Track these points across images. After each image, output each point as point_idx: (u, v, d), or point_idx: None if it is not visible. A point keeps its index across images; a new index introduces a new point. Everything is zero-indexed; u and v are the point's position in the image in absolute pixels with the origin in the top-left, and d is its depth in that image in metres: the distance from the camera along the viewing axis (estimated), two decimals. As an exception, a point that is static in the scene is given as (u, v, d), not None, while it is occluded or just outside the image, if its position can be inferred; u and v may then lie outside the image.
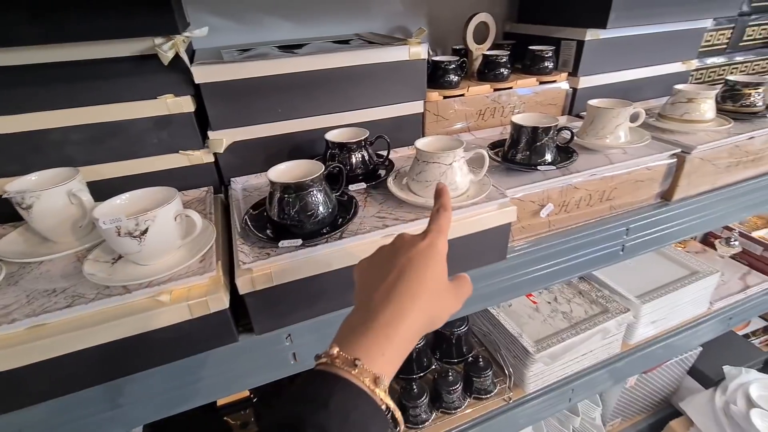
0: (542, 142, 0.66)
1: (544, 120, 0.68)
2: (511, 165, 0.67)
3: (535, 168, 0.66)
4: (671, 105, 0.83)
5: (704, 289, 1.14)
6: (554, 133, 0.67)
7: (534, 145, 0.66)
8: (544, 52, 0.89)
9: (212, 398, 0.54)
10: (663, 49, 0.97)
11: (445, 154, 0.56)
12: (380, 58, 0.71)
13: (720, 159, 0.78)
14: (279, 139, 0.70)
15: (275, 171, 0.51)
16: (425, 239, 0.35)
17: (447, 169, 0.56)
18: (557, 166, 0.67)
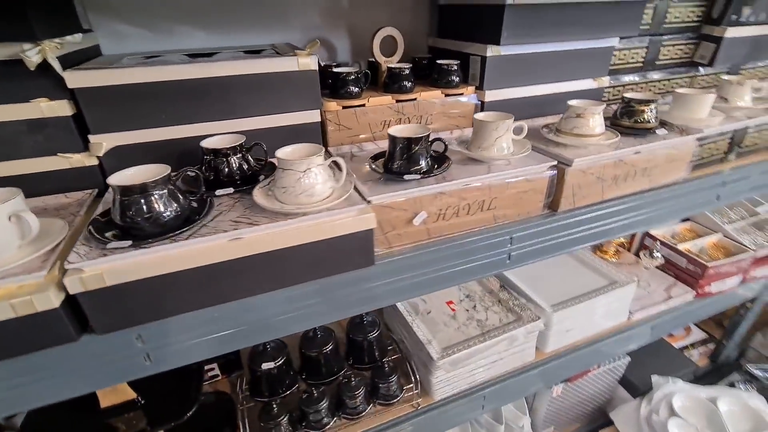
0: (414, 151, 0.68)
1: (418, 131, 0.70)
2: (388, 175, 0.70)
3: (403, 176, 0.68)
4: (564, 120, 0.86)
5: (621, 299, 1.17)
6: (426, 143, 0.69)
7: (407, 154, 0.68)
8: (449, 66, 0.92)
9: (56, 398, 0.54)
10: (572, 66, 1.01)
11: (299, 161, 0.57)
12: (269, 68, 0.73)
13: (605, 172, 0.81)
14: (164, 144, 0.71)
15: (119, 175, 0.53)
16: None
17: (302, 176, 0.58)
18: (430, 175, 0.69)
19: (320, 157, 0.59)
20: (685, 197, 0.95)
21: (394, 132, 0.68)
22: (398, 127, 0.70)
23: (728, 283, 1.34)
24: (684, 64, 1.20)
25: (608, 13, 0.92)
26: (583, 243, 0.86)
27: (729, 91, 1.03)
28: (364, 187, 0.66)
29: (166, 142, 0.71)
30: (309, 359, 0.97)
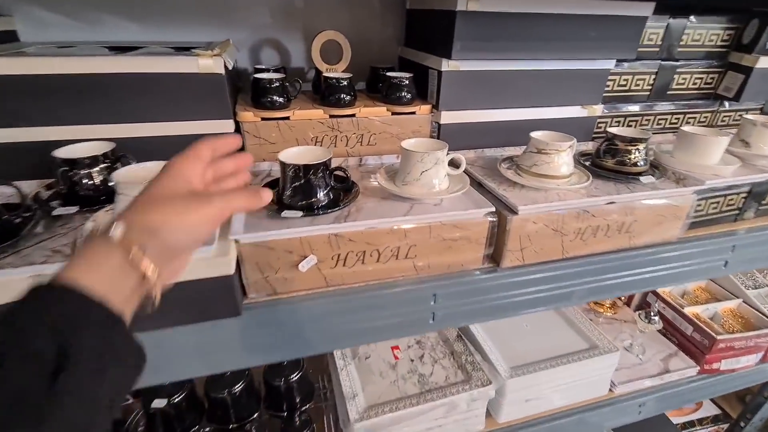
0: (306, 181, 0.56)
1: (317, 155, 0.57)
2: (280, 207, 0.57)
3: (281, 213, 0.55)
4: (525, 155, 0.71)
5: (600, 370, 0.98)
6: (324, 172, 0.56)
7: (297, 184, 0.56)
8: (399, 80, 0.79)
9: None
10: (555, 90, 0.85)
11: (132, 186, 0.46)
12: (162, 67, 0.63)
13: (566, 224, 0.65)
14: (34, 146, 0.62)
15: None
16: None
17: (138, 204, 0.47)
18: (324, 212, 0.56)
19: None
20: (680, 261, 0.77)
21: (285, 156, 0.55)
22: (294, 150, 0.58)
23: (743, 361, 1.11)
24: (704, 96, 1.01)
25: (596, 29, 0.76)
26: (534, 307, 0.70)
27: (751, 133, 0.83)
28: (236, 222, 0.54)
29: (36, 144, 0.63)
30: (215, 401, 0.85)
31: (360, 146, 0.80)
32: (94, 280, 0.26)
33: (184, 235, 0.30)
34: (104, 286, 0.26)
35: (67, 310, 0.24)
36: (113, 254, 0.27)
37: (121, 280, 0.27)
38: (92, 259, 0.27)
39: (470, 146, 0.85)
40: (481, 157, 0.84)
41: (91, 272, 0.26)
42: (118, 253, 0.27)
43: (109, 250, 0.27)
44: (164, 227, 0.29)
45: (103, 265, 0.27)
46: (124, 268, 0.27)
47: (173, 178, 0.32)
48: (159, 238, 0.28)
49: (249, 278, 0.56)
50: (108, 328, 0.26)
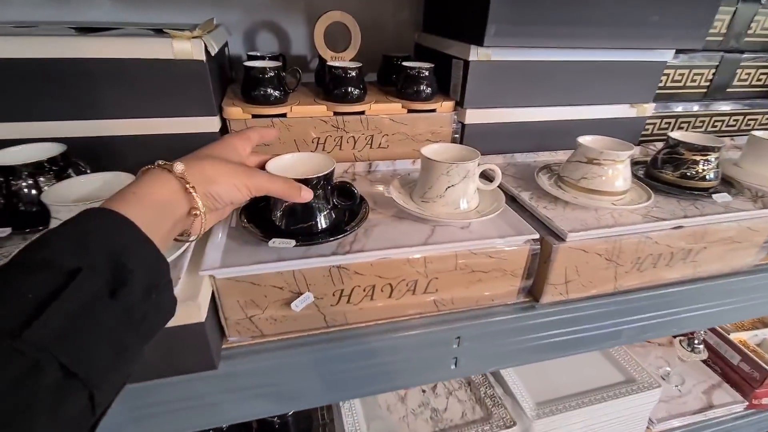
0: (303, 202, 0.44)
1: (318, 165, 0.45)
2: (254, 233, 0.45)
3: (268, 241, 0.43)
4: (570, 164, 0.58)
5: (637, 407, 0.86)
6: (325, 188, 0.44)
7: (289, 206, 0.44)
8: (417, 72, 0.66)
9: None
10: (600, 85, 0.72)
11: (66, 209, 0.35)
12: (130, 52, 0.51)
13: (623, 253, 0.53)
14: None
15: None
16: None
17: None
18: (321, 241, 0.44)
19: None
20: (752, 294, 0.64)
21: (274, 167, 0.43)
22: (287, 158, 0.46)
23: (798, 397, 0.98)
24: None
25: (660, 11, 0.63)
26: (576, 349, 0.58)
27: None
28: (212, 252, 0.43)
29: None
30: None
31: (369, 149, 0.68)
32: (146, 207, 0.28)
33: (227, 191, 0.33)
34: (153, 215, 0.28)
35: (123, 237, 0.25)
36: (171, 183, 0.30)
37: (169, 210, 0.29)
38: (151, 183, 0.29)
39: (498, 150, 0.72)
40: (512, 164, 0.71)
41: (145, 198, 0.28)
42: (176, 183, 0.30)
43: (168, 179, 0.30)
44: (215, 179, 0.33)
45: (161, 190, 0.29)
46: (178, 198, 0.30)
47: (227, 149, 0.37)
48: (209, 186, 0.32)
49: (228, 318, 0.45)
50: (156, 263, 0.27)
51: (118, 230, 0.25)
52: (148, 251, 0.26)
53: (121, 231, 0.25)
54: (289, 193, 0.39)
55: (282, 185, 0.38)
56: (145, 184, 0.29)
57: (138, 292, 0.24)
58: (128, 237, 0.25)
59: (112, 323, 0.23)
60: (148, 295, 0.25)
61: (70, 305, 0.21)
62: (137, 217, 0.26)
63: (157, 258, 0.27)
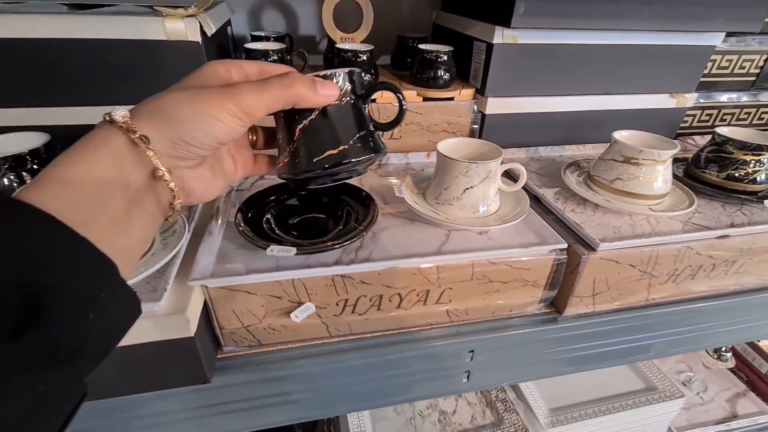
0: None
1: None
2: (251, 240, 0.41)
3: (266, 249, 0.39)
4: (603, 162, 0.52)
5: (657, 416, 0.81)
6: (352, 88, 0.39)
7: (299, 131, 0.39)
8: (435, 56, 0.60)
9: None
10: (636, 71, 0.65)
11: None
12: (117, 32, 0.47)
13: (659, 264, 0.47)
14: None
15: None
16: None
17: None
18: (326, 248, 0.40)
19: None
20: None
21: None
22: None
23: (830, 409, 0.93)
24: (826, 84, 0.78)
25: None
26: (600, 362, 0.54)
27: None
28: (204, 258, 0.39)
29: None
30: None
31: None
32: (75, 185, 0.20)
33: (202, 127, 0.23)
34: (88, 195, 0.20)
35: (37, 242, 0.17)
36: (114, 139, 0.21)
37: (116, 180, 0.21)
38: (85, 147, 0.21)
39: (521, 143, 0.67)
40: (536, 159, 0.65)
41: (74, 170, 0.20)
42: (120, 137, 0.21)
43: (110, 134, 0.22)
44: (179, 115, 0.22)
45: (98, 153, 0.21)
46: (125, 158, 0.21)
47: (204, 75, 0.25)
48: (172, 127, 0.22)
49: (223, 327, 0.41)
50: (94, 266, 0.19)
51: (31, 232, 0.18)
52: (79, 253, 0.19)
53: (34, 233, 0.18)
54: (299, 94, 0.26)
55: (283, 86, 0.25)
56: (77, 149, 0.21)
57: (64, 316, 0.18)
58: (46, 240, 0.18)
59: (16, 371, 0.16)
60: (83, 314, 0.18)
61: None
62: (63, 203, 0.19)
63: (95, 259, 0.19)
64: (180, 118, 0.23)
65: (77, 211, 0.19)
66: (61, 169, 0.20)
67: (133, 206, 0.22)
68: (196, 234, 0.42)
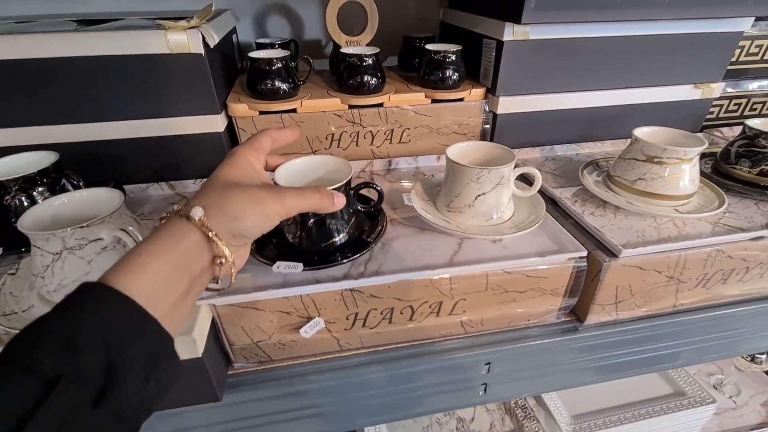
0: (312, 221, 0.38)
1: (332, 172, 0.39)
2: (256, 256, 0.40)
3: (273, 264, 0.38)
4: (623, 162, 0.49)
5: (688, 423, 0.78)
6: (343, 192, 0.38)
7: (296, 225, 0.38)
8: (443, 56, 0.58)
9: None
10: (657, 62, 0.61)
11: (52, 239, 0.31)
12: (122, 47, 0.46)
13: (687, 269, 0.45)
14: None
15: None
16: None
17: (56, 261, 0.32)
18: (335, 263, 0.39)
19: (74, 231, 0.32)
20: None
21: (284, 175, 0.37)
22: (297, 163, 0.40)
23: None
24: None
25: (742, -30, 0.51)
26: (623, 372, 0.51)
27: None
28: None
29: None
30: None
31: (389, 144, 0.62)
32: (153, 273, 0.24)
33: (256, 224, 0.29)
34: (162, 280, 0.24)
35: (118, 322, 0.22)
36: (190, 235, 0.26)
37: (185, 268, 0.25)
38: (165, 239, 0.25)
39: (535, 142, 0.64)
40: (552, 158, 0.63)
41: (154, 260, 0.24)
42: (196, 233, 0.26)
43: (187, 230, 0.26)
44: (241, 214, 0.28)
45: (176, 247, 0.25)
46: (197, 251, 0.26)
47: (243, 169, 0.31)
48: (235, 224, 0.28)
49: (233, 344, 0.41)
50: (159, 342, 0.24)
51: (113, 314, 0.22)
52: (150, 332, 0.23)
53: (116, 315, 0.22)
54: (322, 205, 0.33)
55: (315, 198, 0.32)
56: (157, 241, 0.25)
57: (133, 385, 0.22)
58: (125, 321, 0.22)
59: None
60: (146, 382, 0.22)
61: (46, 423, 0.19)
62: (141, 288, 0.23)
63: (160, 336, 0.24)
64: (243, 216, 0.28)
65: (150, 293, 0.23)
66: (143, 258, 0.24)
67: (193, 286, 0.26)
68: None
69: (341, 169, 0.40)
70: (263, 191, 0.29)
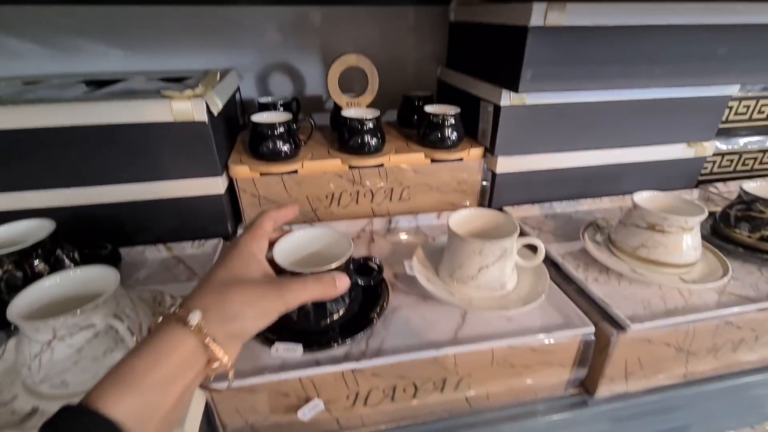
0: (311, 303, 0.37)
1: (332, 247, 0.39)
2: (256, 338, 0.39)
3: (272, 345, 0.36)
4: (624, 227, 0.49)
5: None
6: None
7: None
8: (442, 117, 0.60)
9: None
10: (652, 125, 0.63)
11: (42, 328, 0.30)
12: (125, 116, 0.47)
13: (697, 341, 0.44)
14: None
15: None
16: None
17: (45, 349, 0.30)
18: (336, 344, 0.37)
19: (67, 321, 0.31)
20: None
21: (282, 252, 0.37)
22: (294, 238, 0.39)
23: None
24: None
25: (729, 43, 0.54)
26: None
27: None
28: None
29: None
30: None
31: (389, 203, 0.62)
32: (143, 389, 0.22)
33: (254, 324, 0.28)
34: (152, 396, 0.23)
35: None
36: (185, 342, 0.25)
37: (179, 377, 0.24)
38: (158, 348, 0.24)
39: (534, 199, 0.65)
40: (551, 216, 0.63)
41: (146, 375, 0.23)
42: (192, 340, 0.25)
43: (182, 338, 0.25)
44: (240, 314, 0.27)
45: (170, 356, 0.24)
46: (192, 358, 0.25)
47: (245, 261, 0.30)
48: (233, 325, 0.27)
49: (226, 425, 0.38)
50: None
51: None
52: None
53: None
54: (325, 293, 0.32)
55: (316, 288, 0.31)
56: (151, 351, 0.24)
57: None
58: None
59: None
60: None
61: None
62: (130, 406, 0.22)
63: None
64: (242, 317, 0.27)
65: (139, 412, 0.22)
66: (132, 372, 0.23)
67: (186, 392, 0.25)
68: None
69: (340, 243, 0.39)
70: (264, 288, 0.28)
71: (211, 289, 0.27)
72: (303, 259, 0.40)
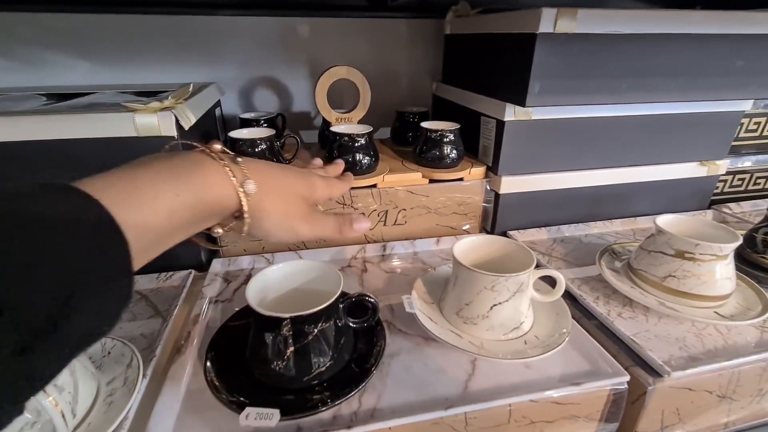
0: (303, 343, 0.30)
1: (325, 288, 0.33)
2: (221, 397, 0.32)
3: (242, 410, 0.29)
4: (647, 255, 0.44)
5: None
6: (334, 318, 0.31)
7: (283, 345, 0.31)
8: (440, 135, 0.55)
9: None
10: (664, 143, 0.59)
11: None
12: (87, 131, 0.41)
13: (741, 386, 0.38)
14: None
15: None
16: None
17: None
18: (323, 408, 0.31)
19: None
20: None
21: (253, 292, 0.30)
22: (273, 274, 0.33)
23: None
24: None
25: (747, 56, 0.50)
26: None
27: None
28: (161, 421, 0.30)
29: None
30: None
31: (383, 227, 0.56)
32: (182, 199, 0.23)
33: (282, 233, 0.28)
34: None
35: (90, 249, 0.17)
36: (232, 194, 0.25)
37: (212, 209, 0.25)
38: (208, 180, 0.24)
39: (540, 222, 0.59)
40: (560, 240, 0.58)
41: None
42: (236, 198, 0.25)
43: (228, 190, 0.25)
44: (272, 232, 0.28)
45: (210, 192, 0.24)
46: (228, 205, 0.25)
47: (309, 188, 0.31)
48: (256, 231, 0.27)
49: None
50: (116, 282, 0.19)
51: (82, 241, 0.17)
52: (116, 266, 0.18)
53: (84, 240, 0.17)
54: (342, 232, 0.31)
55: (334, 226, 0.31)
56: (190, 184, 0.24)
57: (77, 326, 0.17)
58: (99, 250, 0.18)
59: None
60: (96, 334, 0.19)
61: None
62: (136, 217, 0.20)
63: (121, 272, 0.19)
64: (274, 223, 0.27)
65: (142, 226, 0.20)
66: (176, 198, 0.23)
67: (191, 226, 0.24)
68: (154, 380, 0.33)
69: (328, 278, 0.33)
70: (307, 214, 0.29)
71: (272, 180, 0.27)
72: (283, 297, 0.34)
